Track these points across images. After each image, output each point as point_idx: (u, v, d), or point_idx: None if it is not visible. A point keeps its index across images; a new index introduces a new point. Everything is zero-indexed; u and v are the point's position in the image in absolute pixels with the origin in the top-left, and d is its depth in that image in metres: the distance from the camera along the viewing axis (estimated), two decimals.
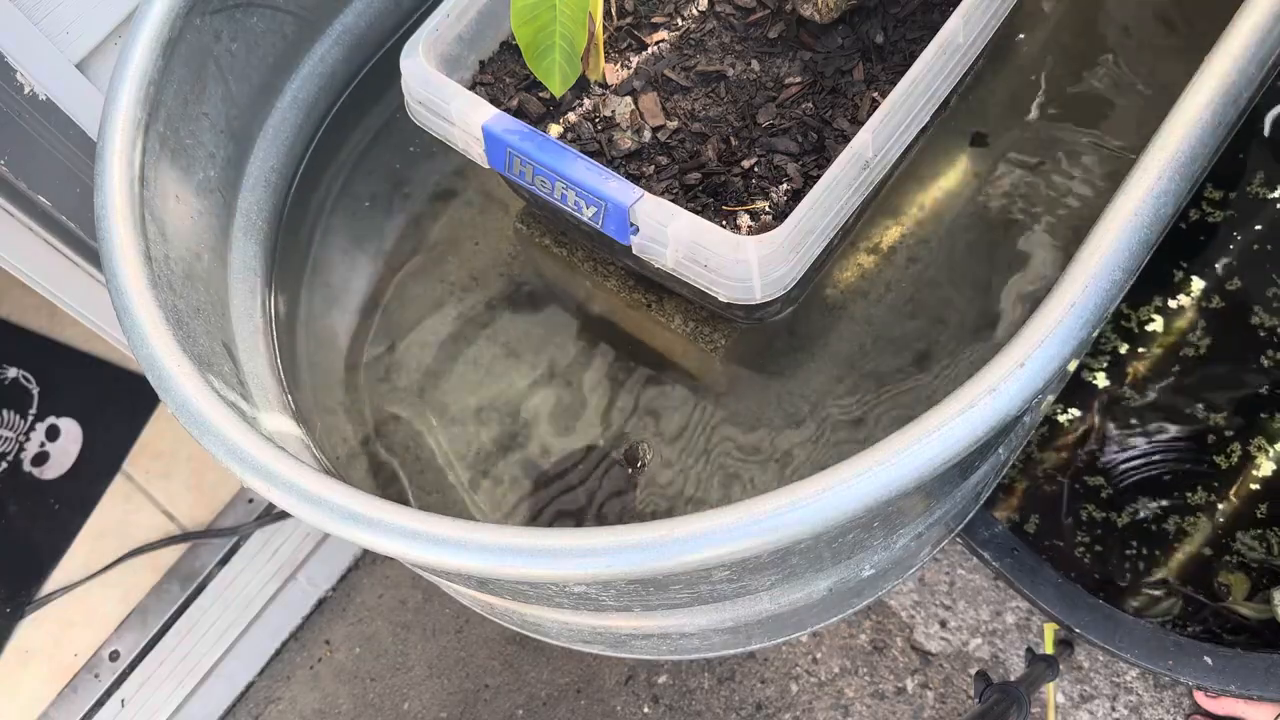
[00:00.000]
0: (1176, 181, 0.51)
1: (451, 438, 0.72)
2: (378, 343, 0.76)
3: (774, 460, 0.67)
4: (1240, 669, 0.94)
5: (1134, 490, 1.08)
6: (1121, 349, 1.11)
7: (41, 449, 1.48)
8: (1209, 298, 1.10)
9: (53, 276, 0.98)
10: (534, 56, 0.63)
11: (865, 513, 0.45)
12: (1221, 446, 1.06)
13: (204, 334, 0.68)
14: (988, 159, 0.74)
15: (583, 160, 0.62)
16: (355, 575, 1.50)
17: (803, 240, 0.59)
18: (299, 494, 0.51)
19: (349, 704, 1.42)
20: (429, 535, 0.48)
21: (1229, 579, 1.03)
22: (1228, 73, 0.54)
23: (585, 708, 1.37)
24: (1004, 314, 0.68)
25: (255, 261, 0.78)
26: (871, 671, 1.32)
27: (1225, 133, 0.54)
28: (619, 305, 0.74)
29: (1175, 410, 1.09)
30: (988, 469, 0.72)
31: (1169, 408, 1.09)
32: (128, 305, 0.58)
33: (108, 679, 1.37)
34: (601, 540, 0.45)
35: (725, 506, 0.45)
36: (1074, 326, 0.48)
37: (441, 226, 0.80)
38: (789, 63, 0.69)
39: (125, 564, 1.41)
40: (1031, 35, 0.78)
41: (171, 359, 0.56)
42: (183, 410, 0.55)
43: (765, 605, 0.65)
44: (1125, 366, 1.11)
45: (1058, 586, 1.00)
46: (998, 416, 0.46)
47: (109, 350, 1.53)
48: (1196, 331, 1.10)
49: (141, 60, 0.65)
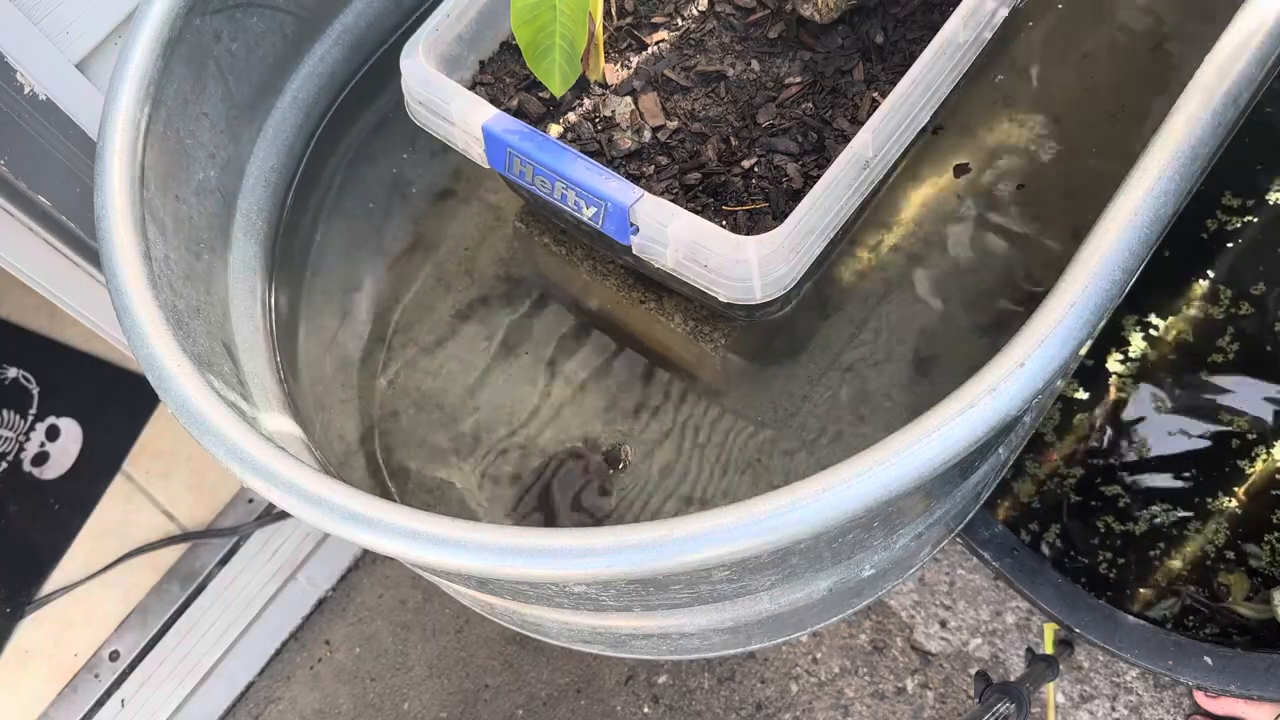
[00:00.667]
0: (1177, 181, 0.51)
1: (451, 436, 0.72)
2: (377, 342, 0.76)
3: (774, 459, 0.67)
4: (1240, 669, 0.94)
5: (1143, 493, 1.08)
6: (1148, 352, 1.11)
7: (41, 449, 1.48)
8: (1237, 304, 1.10)
9: (53, 276, 0.98)
10: (534, 56, 0.63)
11: (865, 513, 0.45)
12: (1246, 450, 1.06)
13: (204, 334, 0.68)
14: (987, 159, 0.74)
15: (583, 160, 0.62)
16: (355, 575, 1.50)
17: (803, 240, 0.59)
18: (299, 494, 0.51)
19: (349, 704, 1.42)
20: (429, 535, 0.48)
21: (1229, 579, 1.04)
22: (1229, 72, 0.54)
23: (585, 708, 1.37)
24: (1006, 314, 0.69)
25: (255, 261, 0.78)
26: (871, 671, 1.32)
27: (1225, 132, 0.54)
28: (619, 304, 0.74)
29: (1197, 413, 1.09)
30: (988, 469, 0.72)
31: (1191, 409, 1.09)
32: (128, 305, 0.58)
33: (108, 679, 1.37)
34: (601, 540, 0.45)
35: (725, 506, 0.45)
36: (1074, 326, 0.47)
37: (441, 226, 0.80)
38: (789, 63, 0.69)
39: (125, 564, 1.41)
40: (1030, 34, 0.78)
41: (171, 359, 0.56)
42: (183, 410, 0.55)
43: (765, 605, 0.65)
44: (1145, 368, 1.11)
45: (1058, 586, 1.00)
46: (998, 416, 0.46)
47: (109, 350, 1.53)
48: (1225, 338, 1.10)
49: (141, 60, 0.65)
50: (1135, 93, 0.75)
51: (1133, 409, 1.10)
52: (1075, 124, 0.74)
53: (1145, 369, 1.11)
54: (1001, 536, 1.01)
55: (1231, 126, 0.55)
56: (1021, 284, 0.69)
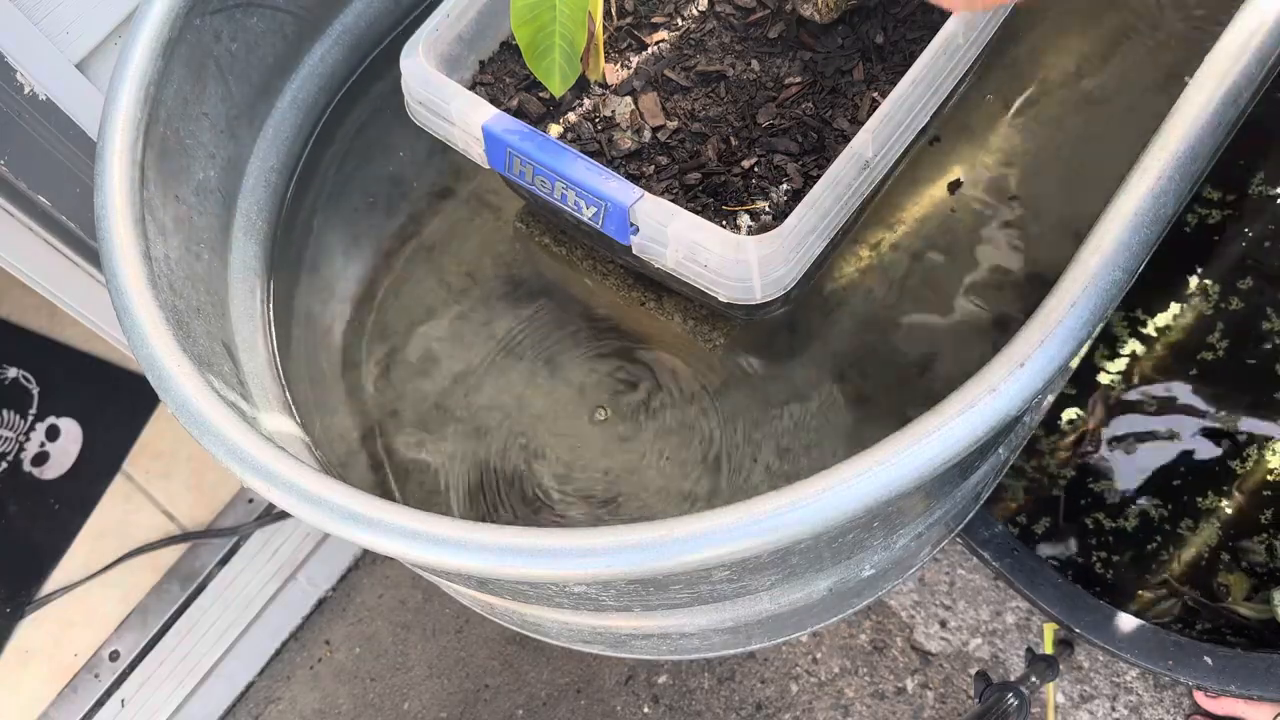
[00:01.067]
0: (1177, 181, 0.51)
1: (451, 436, 0.72)
2: (377, 342, 0.76)
3: (773, 459, 0.67)
4: (1240, 669, 0.94)
5: (1138, 492, 1.08)
6: (1138, 351, 1.11)
7: (41, 449, 1.49)
8: (1226, 299, 1.10)
9: (53, 276, 0.98)
10: (534, 56, 0.63)
11: (865, 513, 0.45)
12: (1237, 451, 1.06)
13: (204, 334, 0.68)
14: (987, 159, 0.74)
15: (583, 160, 0.62)
16: (355, 575, 1.50)
17: (803, 240, 0.59)
18: (299, 494, 0.51)
19: (349, 704, 1.42)
20: (429, 535, 0.48)
21: (1229, 579, 1.04)
22: (1228, 72, 0.54)
23: (585, 708, 1.37)
24: (1007, 314, 0.68)
25: (255, 261, 0.78)
26: (871, 671, 1.32)
27: (1225, 132, 0.54)
28: (619, 304, 0.74)
29: (1189, 410, 1.09)
30: (988, 469, 0.72)
31: (1183, 408, 1.09)
32: (128, 305, 0.58)
33: (108, 679, 1.37)
34: (601, 540, 0.45)
35: (724, 507, 0.45)
36: (1074, 326, 0.47)
37: (441, 226, 0.80)
38: (789, 63, 0.69)
39: (125, 564, 1.41)
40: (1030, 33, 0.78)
41: (171, 359, 0.56)
42: (183, 410, 0.55)
43: (765, 605, 0.65)
44: (1136, 367, 1.11)
45: (1058, 586, 1.00)
46: (997, 416, 0.46)
47: (109, 350, 1.53)
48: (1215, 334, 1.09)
49: (141, 60, 0.65)
50: (1136, 92, 0.75)
51: (1124, 409, 1.10)
52: (1075, 124, 0.74)
53: (1134, 367, 1.11)
54: (1001, 536, 1.01)
55: (1232, 126, 0.55)
56: (1023, 284, 0.69)
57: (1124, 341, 1.11)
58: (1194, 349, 1.10)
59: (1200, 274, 1.12)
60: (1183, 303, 1.11)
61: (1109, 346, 1.11)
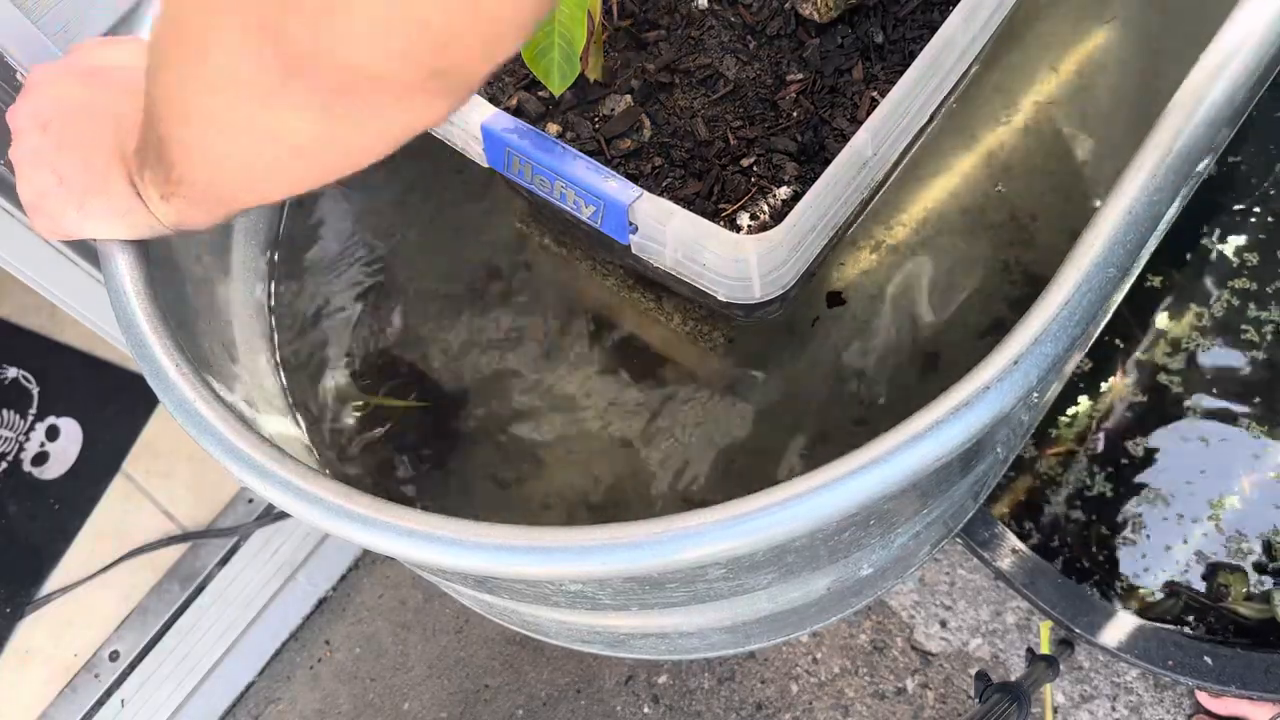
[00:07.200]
0: (1171, 179, 0.51)
1: (451, 436, 0.72)
2: (377, 342, 0.76)
3: (772, 458, 0.67)
4: (1240, 669, 0.94)
5: (1140, 492, 1.08)
6: (1133, 349, 1.11)
7: (41, 449, 1.49)
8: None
9: (53, 276, 0.98)
10: (532, 55, 0.63)
11: (859, 510, 0.45)
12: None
13: (204, 334, 0.68)
14: (987, 158, 0.74)
15: (582, 159, 0.62)
16: (355, 575, 1.50)
17: (802, 239, 0.59)
18: (298, 494, 0.51)
19: (349, 704, 1.42)
20: (425, 534, 0.48)
21: (1229, 579, 1.03)
22: (1225, 70, 0.54)
23: (585, 708, 1.37)
24: (1007, 313, 0.69)
25: (255, 261, 0.78)
26: (872, 671, 1.32)
27: (1223, 131, 0.54)
28: (618, 304, 0.74)
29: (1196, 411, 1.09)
30: (986, 467, 0.72)
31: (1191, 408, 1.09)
32: (127, 305, 0.58)
33: (108, 679, 1.38)
34: (595, 538, 0.45)
35: (719, 504, 0.45)
36: (1068, 324, 0.48)
37: (440, 225, 0.80)
38: (788, 62, 0.69)
39: (125, 564, 1.42)
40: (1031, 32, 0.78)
41: (171, 359, 0.56)
42: (182, 410, 0.55)
43: (764, 604, 0.65)
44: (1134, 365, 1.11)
45: (1058, 586, 1.00)
46: (991, 414, 0.46)
47: (109, 350, 1.53)
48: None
49: None
50: (1136, 93, 0.75)
51: (1130, 408, 1.10)
52: (1076, 124, 0.74)
53: (1140, 366, 1.11)
54: (1001, 536, 1.01)
55: (1231, 125, 0.55)
56: (1022, 283, 0.69)
57: (1133, 338, 1.11)
58: (1192, 348, 1.10)
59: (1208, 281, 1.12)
60: (1184, 306, 1.11)
61: (1123, 341, 1.11)
